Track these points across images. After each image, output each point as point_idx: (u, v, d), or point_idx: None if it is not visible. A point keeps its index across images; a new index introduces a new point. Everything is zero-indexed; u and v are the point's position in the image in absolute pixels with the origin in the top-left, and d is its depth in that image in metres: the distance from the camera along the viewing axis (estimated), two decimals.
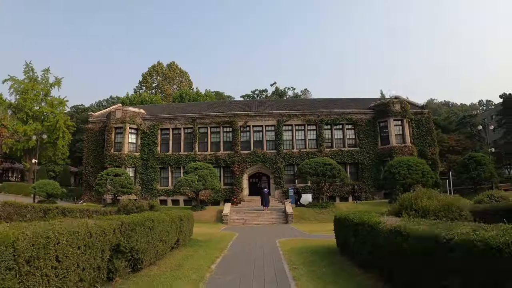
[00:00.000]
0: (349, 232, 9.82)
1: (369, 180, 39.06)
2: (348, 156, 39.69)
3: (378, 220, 7.81)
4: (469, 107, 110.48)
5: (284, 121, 40.77)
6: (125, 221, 7.82)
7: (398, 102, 40.02)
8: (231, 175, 40.02)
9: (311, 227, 23.73)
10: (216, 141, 41.32)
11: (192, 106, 49.61)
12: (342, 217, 11.11)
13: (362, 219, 8.73)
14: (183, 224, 12.91)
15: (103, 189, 31.41)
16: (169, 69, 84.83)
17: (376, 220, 7.84)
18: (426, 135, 40.52)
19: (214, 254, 11.88)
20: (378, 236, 7.52)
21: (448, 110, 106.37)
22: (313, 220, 28.10)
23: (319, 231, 20.51)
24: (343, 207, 30.64)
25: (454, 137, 64.20)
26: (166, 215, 10.85)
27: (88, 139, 43.61)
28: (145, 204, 14.57)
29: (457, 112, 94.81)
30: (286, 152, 39.86)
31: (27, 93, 55.03)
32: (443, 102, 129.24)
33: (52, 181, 36.80)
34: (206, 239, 16.15)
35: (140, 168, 40.57)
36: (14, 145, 53.17)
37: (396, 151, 37.84)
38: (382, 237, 7.29)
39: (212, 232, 19.98)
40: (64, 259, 5.27)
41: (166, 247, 10.67)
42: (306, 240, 15.58)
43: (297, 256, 11.38)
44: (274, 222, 28.10)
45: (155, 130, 41.73)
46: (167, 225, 10.61)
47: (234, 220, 28.60)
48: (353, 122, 40.85)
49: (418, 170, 30.91)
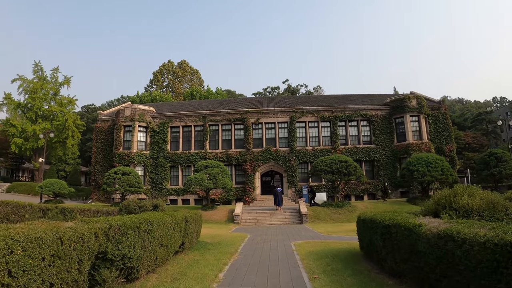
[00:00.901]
0: (377, 235, 8.46)
1: (385, 178, 37.63)
2: (364, 154, 38.28)
3: (417, 222, 6.45)
4: (483, 104, 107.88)
5: (297, 117, 39.43)
6: (114, 223, 6.59)
7: (414, 97, 38.60)
8: (243, 174, 38.82)
9: (327, 227, 22.33)
10: (227, 138, 40.14)
11: (202, 104, 48.49)
12: (367, 218, 9.71)
13: (395, 220, 7.34)
14: (189, 226, 11.68)
15: (111, 188, 30.43)
16: (180, 68, 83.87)
17: (415, 222, 6.48)
18: (443, 131, 38.98)
19: (222, 260, 10.59)
20: (418, 241, 6.18)
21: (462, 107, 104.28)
22: (328, 220, 26.71)
23: (337, 232, 19.18)
24: (361, 206, 29.23)
25: (470, 134, 62.77)
26: (168, 216, 9.60)
27: (96, 137, 42.75)
28: (149, 204, 13.37)
29: (471, 109, 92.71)
30: (299, 150, 38.54)
31: (36, 92, 54.59)
32: (457, 99, 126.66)
33: (59, 181, 35.98)
34: (215, 242, 14.92)
35: (150, 167, 39.59)
36: (23, 145, 52.66)
37: (413, 148, 36.54)
38: (424, 242, 5.96)
39: (222, 234, 18.73)
40: (21, 274, 4.05)
41: (168, 252, 9.41)
42: (324, 242, 14.19)
43: (316, 262, 10.02)
44: (288, 222, 26.79)
45: (164, 128, 40.71)
46: (169, 227, 9.37)
47: (246, 220, 27.36)
48: (368, 118, 39.41)
49: (437, 167, 29.51)
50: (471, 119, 74.51)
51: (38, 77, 57.19)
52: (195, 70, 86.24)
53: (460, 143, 55.35)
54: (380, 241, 8.10)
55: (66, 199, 45.27)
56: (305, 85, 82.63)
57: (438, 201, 8.78)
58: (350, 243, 13.25)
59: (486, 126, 70.88)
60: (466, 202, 8.10)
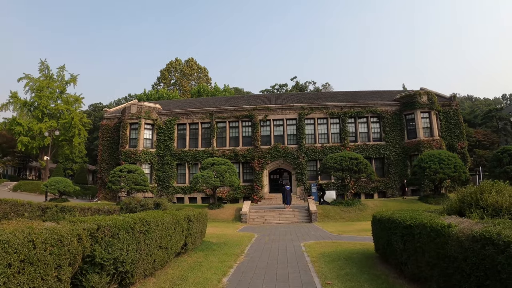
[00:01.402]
0: (396, 236, 7.65)
1: (395, 176, 36.77)
2: (373, 151, 37.44)
3: (445, 223, 5.65)
4: (492, 102, 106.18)
5: (306, 114, 38.63)
6: (103, 224, 5.89)
7: (425, 93, 37.71)
8: (250, 171, 38.12)
9: (338, 226, 21.51)
10: (235, 136, 39.44)
11: (209, 101, 47.82)
12: (384, 217, 8.88)
13: (419, 220, 6.52)
14: (192, 226, 10.97)
15: (116, 186, 29.84)
16: (187, 65, 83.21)
17: (443, 223, 5.67)
18: (455, 128, 38.02)
19: (227, 262, 9.84)
20: (447, 245, 5.40)
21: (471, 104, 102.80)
22: (338, 219, 25.91)
23: (348, 231, 18.36)
24: (371, 205, 28.38)
25: (480, 131, 61.64)
26: (168, 215, 8.88)
27: (102, 135, 42.33)
28: (150, 202, 12.69)
29: (480, 106, 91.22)
30: (308, 147, 37.76)
31: (42, 91, 54.32)
32: (466, 96, 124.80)
33: (64, 179, 35.49)
34: (221, 242, 14.20)
35: (156, 164, 39.05)
36: (30, 143, 52.42)
37: (424, 145, 35.71)
38: (455, 245, 5.17)
39: (229, 233, 17.99)
40: None
41: (168, 254, 8.69)
42: (336, 243, 13.39)
43: (328, 265, 9.23)
44: (297, 221, 26.03)
45: (171, 125, 40.13)
46: (169, 227, 8.65)
47: (254, 219, 26.62)
48: (378, 114, 38.53)
49: (450, 164, 28.62)
50: (481, 116, 73.25)
51: (45, 75, 56.93)
52: (202, 68, 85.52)
53: (471, 140, 54.30)
54: (401, 243, 7.30)
55: (73, 197, 44.89)
56: (313, 82, 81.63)
57: (462, 199, 8.00)
58: (363, 244, 12.46)
59: (496, 123, 69.59)
60: (495, 199, 7.32)
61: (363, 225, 21.98)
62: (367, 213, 26.68)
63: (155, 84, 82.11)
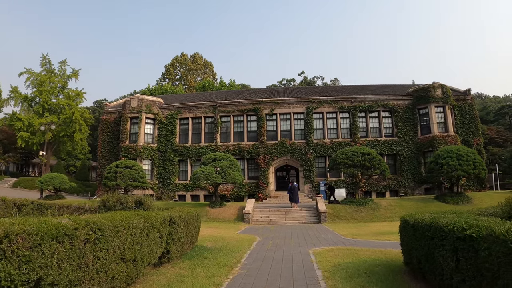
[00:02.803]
0: (442, 250, 5.51)
1: (408, 174, 34.69)
2: (385, 147, 35.35)
3: None
4: (502, 99, 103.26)
5: (314, 108, 36.54)
6: (16, 230, 3.92)
7: (439, 86, 35.72)
8: (256, 168, 36.12)
9: (350, 228, 19.32)
10: (240, 130, 37.44)
11: (213, 95, 45.86)
12: (421, 222, 6.64)
13: (486, 229, 4.45)
14: (177, 229, 8.94)
15: (112, 183, 28.05)
16: (193, 61, 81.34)
17: None
18: (470, 124, 36.02)
19: (217, 278, 7.71)
20: None
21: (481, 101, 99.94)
22: (349, 219, 23.75)
23: (362, 235, 16.15)
24: (384, 204, 26.16)
25: (493, 128, 59.54)
26: (138, 217, 6.83)
27: (103, 130, 40.61)
28: (130, 200, 10.68)
29: (491, 104, 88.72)
30: (316, 143, 35.66)
31: (43, 85, 52.91)
32: (476, 94, 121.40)
33: (59, 175, 33.75)
34: (217, 247, 12.16)
35: (157, 160, 37.20)
36: (30, 139, 50.98)
37: (439, 141, 33.78)
38: None
39: (228, 236, 15.88)
40: None
41: (136, 268, 6.66)
42: (351, 250, 11.16)
43: (346, 283, 7.07)
44: (304, 221, 23.95)
45: (173, 119, 38.25)
46: (139, 233, 6.61)
47: (258, 218, 24.56)
48: (390, 109, 36.44)
49: (469, 161, 26.52)
50: (493, 113, 71.16)
51: (46, 70, 55.67)
52: (208, 63, 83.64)
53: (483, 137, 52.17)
54: (451, 260, 5.18)
55: (73, 194, 43.38)
56: (321, 77, 78.57)
57: None
58: (385, 253, 10.33)
59: (509, 120, 67.48)
60: None
61: (377, 226, 19.85)
62: (381, 213, 24.55)
63: (160, 80, 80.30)
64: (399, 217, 22.69)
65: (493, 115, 71.44)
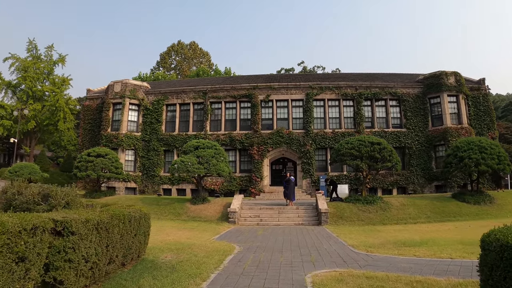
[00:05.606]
0: None
1: (417, 169, 31.30)
2: (393, 139, 31.84)
3: None
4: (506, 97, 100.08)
5: (315, 94, 33.01)
6: None
7: (452, 74, 32.48)
8: (249, 160, 32.62)
9: (359, 234, 15.49)
10: (232, 118, 33.92)
11: (204, 80, 42.28)
12: None
13: None
14: (78, 244, 5.46)
15: (82, 173, 24.64)
16: (189, 49, 77.58)
17: None
18: (485, 116, 32.90)
19: None
20: None
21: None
22: (355, 221, 20.12)
23: (378, 245, 12.18)
24: (395, 203, 22.47)
25: (502, 124, 56.84)
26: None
27: (84, 117, 37.33)
28: (33, 192, 7.20)
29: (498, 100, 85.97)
30: (316, 133, 32.14)
31: (27, 71, 49.37)
32: None
33: (31, 164, 30.49)
34: (172, 263, 8.61)
35: (141, 151, 33.80)
36: (13, 127, 47.59)
37: (452, 134, 30.59)
38: None
39: (199, 243, 12.05)
40: None
41: None
42: (373, 279, 6.98)
43: None
44: (302, 223, 20.33)
45: (159, 106, 34.80)
46: None
47: (246, 218, 20.93)
48: (398, 97, 32.98)
49: (493, 154, 23.23)
50: (501, 109, 68.59)
51: (32, 55, 52.14)
52: (205, 53, 79.83)
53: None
54: None
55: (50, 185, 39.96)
56: (322, 67, 74.12)
57: None
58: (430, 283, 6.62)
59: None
60: None
61: (392, 232, 16.12)
62: (392, 214, 20.95)
63: (154, 68, 76.42)
64: (414, 219, 18.40)
65: (501, 110, 69.80)
